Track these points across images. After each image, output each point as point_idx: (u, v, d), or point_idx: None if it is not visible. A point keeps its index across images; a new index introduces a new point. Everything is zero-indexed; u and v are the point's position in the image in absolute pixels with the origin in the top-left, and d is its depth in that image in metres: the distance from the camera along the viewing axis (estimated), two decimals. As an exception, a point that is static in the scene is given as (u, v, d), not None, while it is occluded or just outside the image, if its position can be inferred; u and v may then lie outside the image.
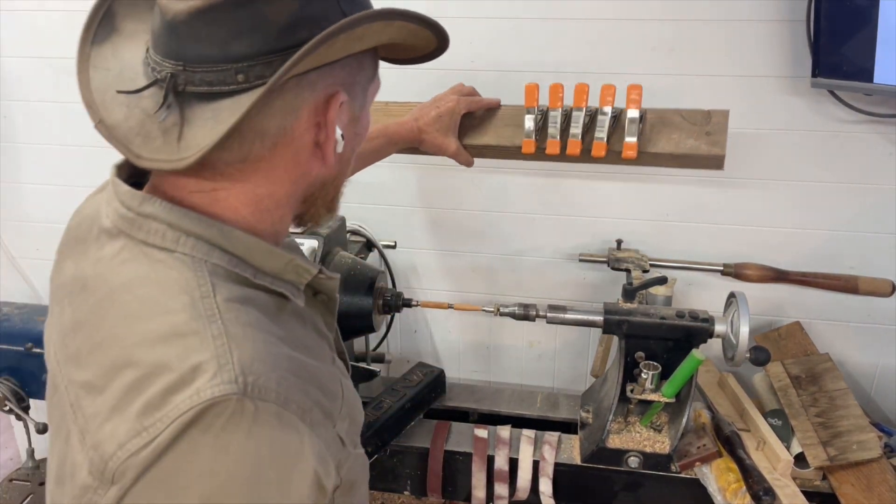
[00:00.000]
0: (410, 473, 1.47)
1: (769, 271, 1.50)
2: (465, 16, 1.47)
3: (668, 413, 1.37)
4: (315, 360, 0.65)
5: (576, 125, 1.22)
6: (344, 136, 0.66)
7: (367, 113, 0.72)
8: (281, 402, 0.55)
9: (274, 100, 0.59)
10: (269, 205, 0.65)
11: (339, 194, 0.74)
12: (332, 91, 0.62)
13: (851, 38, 1.25)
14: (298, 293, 0.67)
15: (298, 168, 0.65)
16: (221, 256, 0.61)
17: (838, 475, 1.31)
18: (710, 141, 1.17)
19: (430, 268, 1.71)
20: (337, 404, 0.66)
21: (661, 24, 1.41)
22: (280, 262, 0.65)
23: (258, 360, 0.55)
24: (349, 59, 0.63)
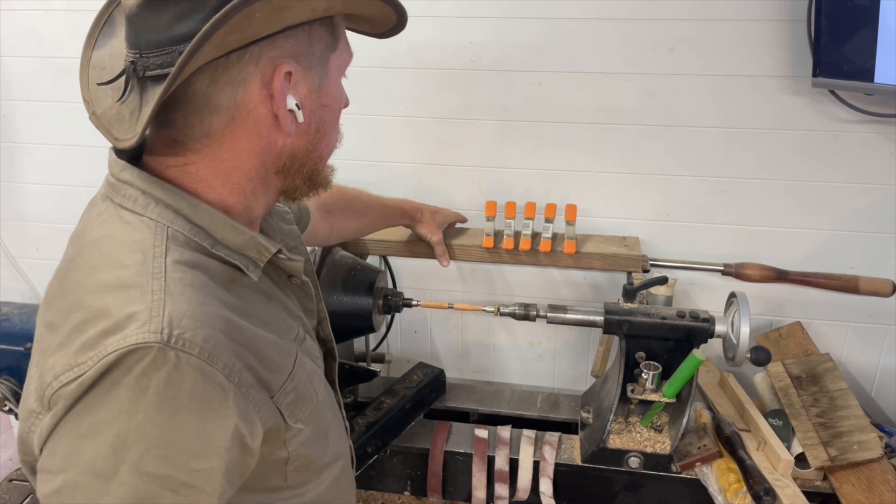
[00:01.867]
0: (411, 474, 1.47)
1: (770, 271, 1.50)
2: (465, 16, 1.47)
3: (668, 413, 1.37)
4: (268, 332, 0.69)
5: (526, 230, 1.48)
6: (302, 107, 0.69)
7: (337, 84, 0.74)
8: (205, 357, 0.60)
9: (220, 74, 0.64)
10: (238, 177, 0.70)
11: (319, 168, 0.77)
12: (279, 62, 0.65)
13: (852, 38, 1.25)
14: (255, 268, 0.70)
15: (261, 140, 0.69)
16: (184, 225, 0.66)
17: (839, 475, 1.31)
18: (628, 249, 1.50)
19: (431, 268, 1.71)
20: (279, 377, 0.69)
21: (661, 24, 1.41)
22: (242, 237, 0.69)
23: (189, 316, 0.60)
24: (295, 30, 0.66)
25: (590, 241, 1.53)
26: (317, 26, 0.68)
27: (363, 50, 1.52)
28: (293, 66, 0.67)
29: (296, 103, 0.68)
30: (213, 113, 0.66)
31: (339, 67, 0.74)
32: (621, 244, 1.52)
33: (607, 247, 1.50)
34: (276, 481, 0.74)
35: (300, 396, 0.72)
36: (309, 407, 0.74)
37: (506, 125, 1.55)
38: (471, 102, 1.54)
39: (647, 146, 1.50)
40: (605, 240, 1.55)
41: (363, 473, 1.44)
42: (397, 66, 1.54)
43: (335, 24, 0.71)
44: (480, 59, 1.50)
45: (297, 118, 0.69)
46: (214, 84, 0.64)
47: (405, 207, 1.46)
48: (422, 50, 1.51)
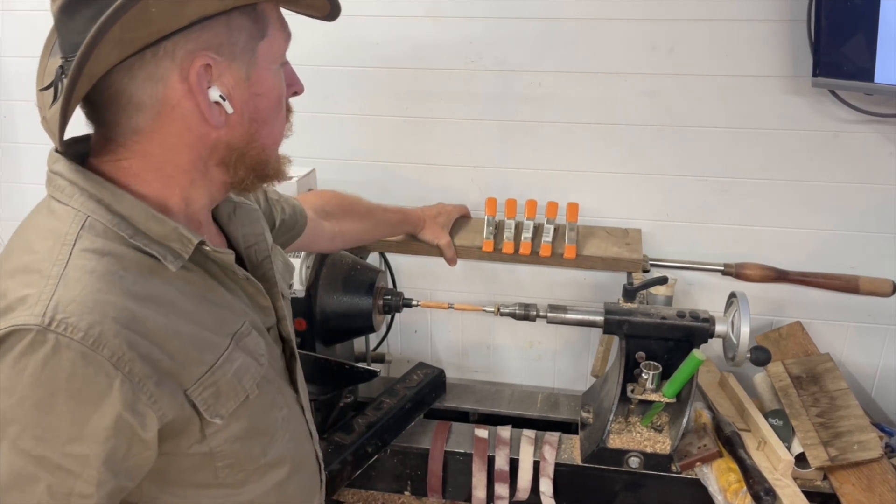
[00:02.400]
0: (411, 474, 1.47)
1: (770, 271, 1.50)
2: (465, 16, 1.47)
3: (668, 413, 1.37)
4: (187, 324, 0.69)
5: (527, 232, 1.47)
6: (230, 98, 0.69)
7: (272, 72, 0.73)
8: (89, 343, 0.60)
9: (137, 72, 0.65)
10: (172, 171, 0.71)
11: (265, 158, 0.76)
12: (195, 55, 0.66)
13: (852, 38, 1.25)
14: (175, 259, 0.70)
15: (191, 133, 0.69)
16: (104, 214, 0.67)
17: (839, 475, 1.31)
18: (630, 250, 1.46)
19: (431, 268, 1.71)
20: (194, 369, 0.69)
21: (661, 24, 1.41)
22: (164, 228, 0.69)
23: (79, 302, 0.61)
24: (210, 21, 0.65)
25: (591, 240, 1.51)
26: (235, 16, 0.67)
27: (363, 50, 1.54)
28: (212, 57, 0.66)
29: (220, 95, 0.68)
30: (137, 110, 0.67)
31: (272, 55, 0.72)
32: (623, 240, 1.51)
33: (608, 247, 1.48)
34: (204, 477, 0.73)
35: (222, 392, 0.71)
36: (233, 403, 0.73)
37: (506, 125, 1.55)
38: (471, 102, 1.54)
39: (647, 146, 1.50)
40: (608, 235, 1.53)
41: (363, 473, 1.44)
42: (397, 66, 1.54)
43: (260, 12, 0.70)
44: (480, 59, 1.50)
45: (226, 109, 0.69)
46: (133, 82, 0.65)
47: (407, 216, 1.46)
48: (422, 50, 1.51)
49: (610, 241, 1.50)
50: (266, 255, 0.87)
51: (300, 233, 1.12)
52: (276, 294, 0.86)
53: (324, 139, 1.62)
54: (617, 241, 1.51)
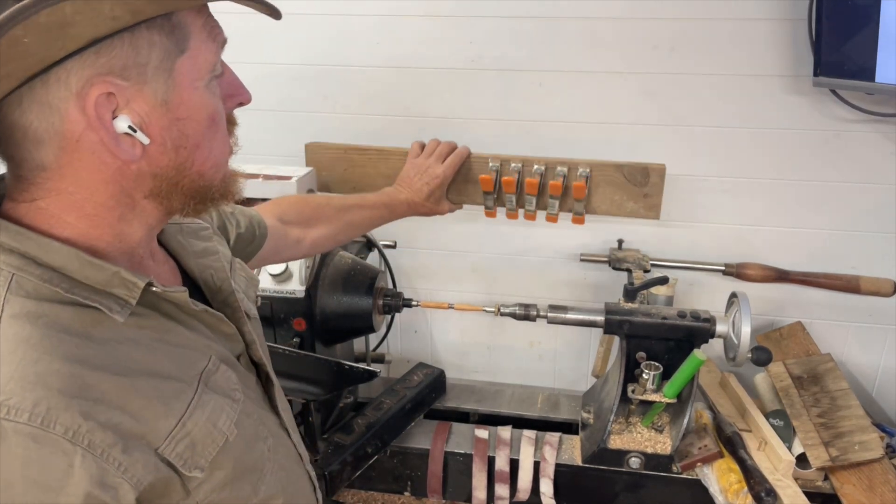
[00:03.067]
0: (411, 474, 1.47)
1: (771, 271, 1.50)
2: (465, 15, 1.47)
3: (669, 413, 1.36)
4: (145, 378, 0.62)
5: (529, 205, 1.41)
6: (146, 126, 0.60)
7: (198, 91, 0.63)
8: (38, 422, 0.53)
9: (28, 105, 0.57)
10: (94, 209, 0.62)
11: (204, 184, 0.67)
12: (93, 82, 0.57)
13: (853, 37, 1.24)
14: (122, 308, 0.62)
15: (107, 167, 0.61)
16: (34, 270, 0.59)
17: (840, 476, 1.30)
18: (647, 204, 1.35)
19: (430, 268, 1.71)
20: (163, 423, 0.62)
21: (661, 24, 1.40)
22: (104, 274, 0.62)
23: (17, 378, 0.54)
24: (109, 42, 0.56)
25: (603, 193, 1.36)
26: (143, 32, 0.57)
27: (363, 50, 1.54)
28: (115, 83, 0.57)
29: (129, 125, 0.59)
30: (38, 145, 0.58)
31: (197, 71, 0.62)
32: (641, 186, 1.34)
33: (623, 201, 1.34)
34: None
35: (197, 441, 0.64)
36: (212, 450, 0.66)
37: (506, 125, 1.55)
38: (471, 102, 1.54)
39: (648, 146, 1.50)
40: (625, 182, 1.35)
41: (363, 474, 1.44)
42: (398, 66, 1.53)
43: (177, 24, 0.60)
44: (480, 59, 1.50)
45: (141, 140, 0.60)
46: (25, 115, 0.57)
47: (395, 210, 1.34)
48: (422, 50, 1.51)
49: (625, 192, 1.36)
50: (225, 278, 0.80)
51: (261, 244, 1.02)
52: (241, 319, 0.79)
53: (323, 139, 1.62)
54: (633, 192, 1.36)
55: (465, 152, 1.41)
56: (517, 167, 1.36)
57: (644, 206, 1.34)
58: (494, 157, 1.38)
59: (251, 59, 1.54)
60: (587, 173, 1.34)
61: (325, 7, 1.50)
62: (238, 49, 1.52)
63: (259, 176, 1.38)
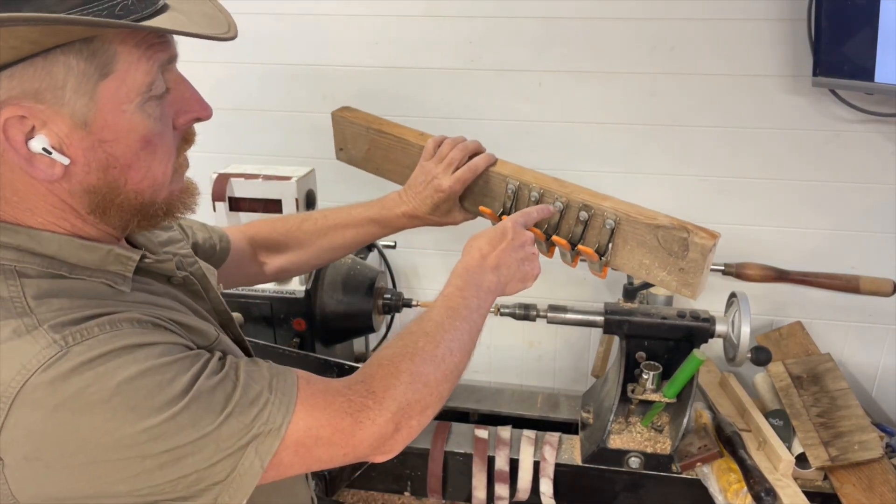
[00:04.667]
0: (411, 474, 1.47)
1: (770, 271, 1.50)
2: (465, 15, 1.47)
3: (669, 413, 1.36)
4: (171, 311, 0.67)
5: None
6: (66, 147, 0.60)
7: (126, 114, 0.62)
8: (107, 330, 0.58)
9: None
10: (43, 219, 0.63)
11: (146, 202, 0.67)
12: (4, 107, 0.56)
13: (852, 38, 1.25)
14: (124, 281, 0.66)
15: (35, 185, 0.61)
16: (32, 259, 0.61)
17: (839, 475, 1.30)
18: (682, 280, 0.97)
19: (430, 268, 1.71)
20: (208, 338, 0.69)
21: (661, 24, 1.40)
22: (98, 253, 0.64)
23: (69, 319, 0.58)
24: (20, 66, 0.56)
25: (631, 251, 1.03)
26: (57, 56, 0.56)
27: (363, 50, 1.54)
28: (28, 106, 0.57)
29: (43, 147, 0.58)
30: None
31: (125, 94, 0.61)
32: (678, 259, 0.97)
33: (653, 267, 1.01)
34: None
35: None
36: None
37: (506, 125, 1.55)
38: (471, 102, 1.54)
39: (647, 146, 1.50)
40: (657, 246, 0.99)
41: (363, 474, 1.44)
42: (398, 66, 1.54)
43: (98, 49, 0.58)
44: (480, 59, 1.50)
45: (60, 161, 0.60)
46: None
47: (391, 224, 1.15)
48: (421, 50, 1.51)
49: (657, 259, 1.00)
50: (193, 262, 0.81)
51: (223, 259, 0.99)
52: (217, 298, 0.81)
53: (323, 139, 1.61)
54: (667, 262, 0.98)
55: (478, 166, 1.14)
56: (535, 196, 1.12)
57: (678, 281, 0.98)
58: (513, 178, 1.14)
59: (251, 60, 1.54)
60: (612, 225, 1.02)
61: (325, 7, 1.50)
62: (238, 49, 1.52)
63: (259, 176, 1.38)
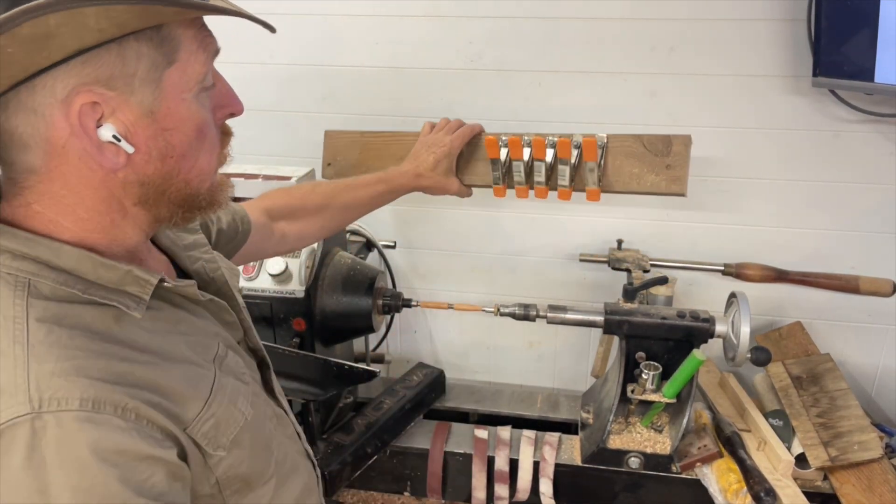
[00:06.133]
0: (410, 474, 1.47)
1: (770, 271, 1.50)
2: (465, 15, 1.47)
3: (668, 413, 1.36)
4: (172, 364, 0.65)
5: (538, 174, 1.26)
6: (131, 135, 0.61)
7: (185, 103, 0.64)
8: (89, 407, 0.55)
9: (13, 110, 0.57)
10: (86, 213, 0.63)
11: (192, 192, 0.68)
12: (79, 91, 0.57)
13: (852, 38, 1.25)
14: (138, 305, 0.64)
15: (93, 174, 0.62)
16: (48, 273, 0.61)
17: (839, 475, 1.31)
18: (670, 176, 1.17)
19: (430, 268, 1.71)
20: (192, 406, 0.65)
21: (661, 24, 1.40)
22: (116, 273, 0.63)
23: (60, 374, 0.56)
24: (96, 52, 0.56)
25: (621, 163, 1.20)
26: (131, 43, 0.58)
27: (363, 50, 1.54)
28: (100, 92, 0.58)
29: (113, 134, 0.59)
30: (24, 149, 0.59)
31: (185, 82, 0.63)
32: (663, 162, 1.19)
33: (643, 174, 1.19)
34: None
35: (221, 422, 0.67)
36: (233, 430, 0.69)
37: (506, 125, 1.54)
38: (471, 102, 1.54)
39: (647, 146, 1.50)
40: (645, 152, 1.19)
41: (363, 474, 1.44)
42: (398, 66, 1.53)
43: (166, 35, 0.60)
44: (480, 59, 1.50)
45: (125, 149, 0.61)
46: (10, 120, 0.58)
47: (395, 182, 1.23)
48: (422, 50, 1.51)
49: (646, 164, 1.20)
50: (216, 268, 0.82)
51: (244, 240, 1.02)
52: (237, 307, 0.82)
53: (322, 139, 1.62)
54: (655, 163, 1.19)
55: (476, 127, 1.31)
56: (528, 139, 1.24)
57: (666, 179, 1.17)
58: (507, 134, 1.26)
59: (251, 60, 1.54)
60: (603, 142, 1.20)
61: (325, 7, 1.50)
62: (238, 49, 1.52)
63: (259, 176, 1.38)
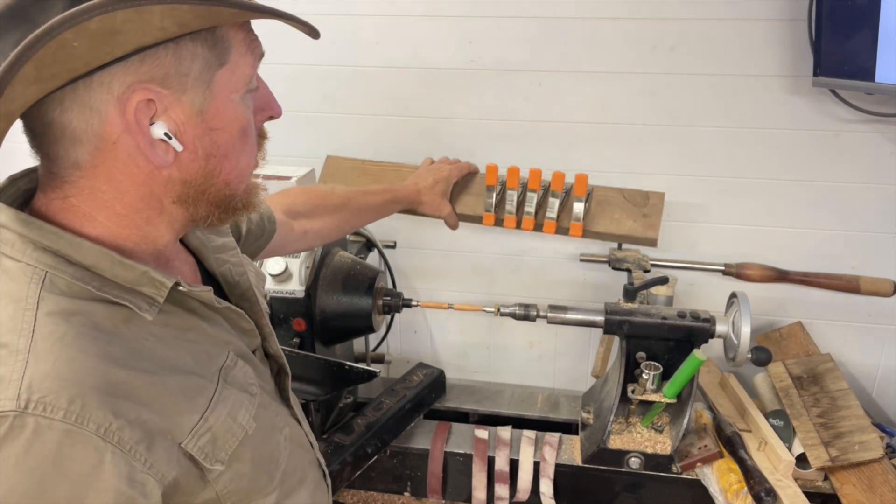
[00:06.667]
0: (410, 474, 1.47)
1: (770, 271, 1.50)
2: (465, 15, 1.47)
3: (669, 414, 1.36)
4: (171, 374, 0.64)
5: (529, 204, 1.40)
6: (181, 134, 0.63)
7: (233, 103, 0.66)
8: (72, 420, 0.55)
9: (69, 104, 0.59)
10: (123, 209, 0.64)
11: (229, 193, 0.69)
12: (135, 88, 0.59)
13: (853, 37, 1.24)
14: (151, 306, 0.64)
15: (139, 170, 0.63)
16: (66, 268, 0.61)
17: (840, 476, 1.30)
18: (646, 223, 1.35)
19: (430, 268, 1.71)
20: (187, 419, 0.64)
21: (661, 24, 1.40)
22: (133, 273, 0.64)
23: (54, 377, 0.56)
24: (154, 50, 0.58)
25: (603, 208, 1.37)
26: (186, 43, 0.60)
27: (363, 50, 1.54)
28: (156, 90, 0.60)
29: (165, 132, 0.61)
30: (74, 144, 0.61)
31: (234, 84, 0.65)
32: (640, 211, 1.36)
33: (622, 219, 1.34)
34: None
35: (218, 436, 0.67)
36: (233, 444, 0.69)
37: (506, 125, 1.55)
38: (471, 102, 1.54)
39: (648, 146, 1.50)
40: (624, 202, 1.37)
41: (363, 474, 1.44)
42: (398, 66, 1.53)
43: (220, 37, 0.62)
44: (480, 59, 1.50)
45: (174, 147, 0.63)
46: (65, 114, 0.59)
47: (397, 194, 1.34)
48: (422, 50, 1.51)
49: (625, 212, 1.36)
50: (242, 272, 0.82)
51: (269, 239, 1.05)
52: (259, 312, 0.82)
53: (323, 139, 1.62)
54: (633, 211, 1.37)
55: (473, 166, 1.48)
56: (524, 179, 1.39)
57: (643, 226, 1.35)
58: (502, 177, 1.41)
59: (251, 59, 1.54)
60: (590, 189, 1.35)
61: (325, 7, 1.50)
62: (238, 49, 1.51)
63: (259, 176, 1.38)
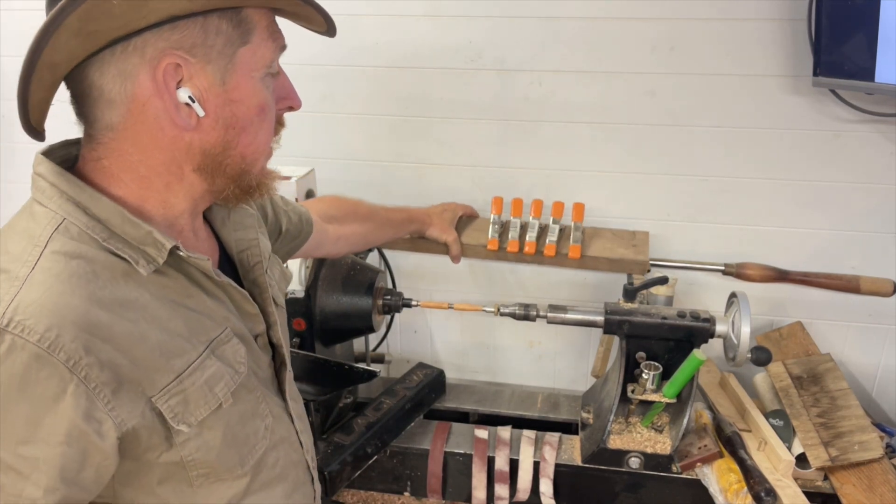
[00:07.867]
0: (410, 474, 1.47)
1: (770, 271, 1.50)
2: (465, 15, 1.47)
3: (669, 413, 1.36)
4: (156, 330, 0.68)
5: (532, 231, 1.50)
6: (203, 100, 0.68)
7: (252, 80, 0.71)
8: (45, 346, 0.59)
9: (108, 67, 0.65)
10: (146, 171, 0.70)
11: (245, 169, 0.74)
12: (165, 53, 0.65)
13: (852, 37, 1.24)
14: (148, 263, 0.69)
15: (163, 134, 0.69)
16: (81, 217, 0.67)
17: (840, 475, 1.30)
18: (636, 251, 1.47)
19: (431, 268, 1.71)
20: (160, 377, 0.67)
21: (661, 24, 1.40)
22: (139, 231, 0.69)
23: (39, 304, 0.60)
24: (185, 21, 0.65)
25: (597, 240, 1.51)
26: (213, 18, 0.67)
27: (363, 50, 1.53)
28: (183, 57, 0.66)
29: (189, 96, 0.67)
30: (109, 106, 0.67)
31: (254, 63, 0.71)
32: (630, 242, 1.51)
33: (614, 248, 1.48)
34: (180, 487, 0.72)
35: (190, 399, 0.70)
36: (203, 411, 0.71)
37: (506, 125, 1.55)
38: (471, 102, 1.54)
39: (648, 146, 1.50)
40: (614, 237, 1.53)
41: (363, 474, 1.44)
42: (398, 66, 1.53)
43: (244, 18, 0.69)
44: (480, 59, 1.50)
45: (197, 112, 0.68)
46: (104, 76, 0.66)
47: (412, 214, 1.46)
48: (422, 50, 1.51)
49: (616, 243, 1.50)
50: (258, 260, 0.86)
51: (305, 240, 1.11)
52: (268, 300, 0.85)
53: (323, 139, 1.62)
54: (623, 242, 1.51)
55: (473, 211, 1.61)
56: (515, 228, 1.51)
57: (633, 252, 1.46)
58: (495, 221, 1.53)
59: (251, 59, 1.54)
60: (582, 228, 1.50)
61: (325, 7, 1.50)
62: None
63: None
